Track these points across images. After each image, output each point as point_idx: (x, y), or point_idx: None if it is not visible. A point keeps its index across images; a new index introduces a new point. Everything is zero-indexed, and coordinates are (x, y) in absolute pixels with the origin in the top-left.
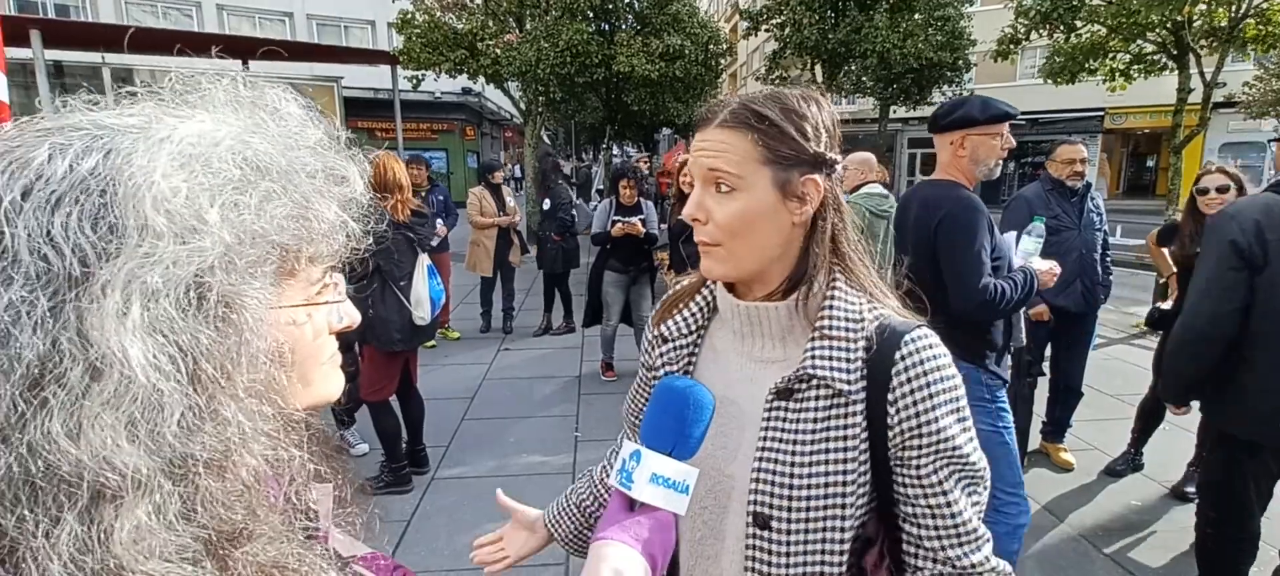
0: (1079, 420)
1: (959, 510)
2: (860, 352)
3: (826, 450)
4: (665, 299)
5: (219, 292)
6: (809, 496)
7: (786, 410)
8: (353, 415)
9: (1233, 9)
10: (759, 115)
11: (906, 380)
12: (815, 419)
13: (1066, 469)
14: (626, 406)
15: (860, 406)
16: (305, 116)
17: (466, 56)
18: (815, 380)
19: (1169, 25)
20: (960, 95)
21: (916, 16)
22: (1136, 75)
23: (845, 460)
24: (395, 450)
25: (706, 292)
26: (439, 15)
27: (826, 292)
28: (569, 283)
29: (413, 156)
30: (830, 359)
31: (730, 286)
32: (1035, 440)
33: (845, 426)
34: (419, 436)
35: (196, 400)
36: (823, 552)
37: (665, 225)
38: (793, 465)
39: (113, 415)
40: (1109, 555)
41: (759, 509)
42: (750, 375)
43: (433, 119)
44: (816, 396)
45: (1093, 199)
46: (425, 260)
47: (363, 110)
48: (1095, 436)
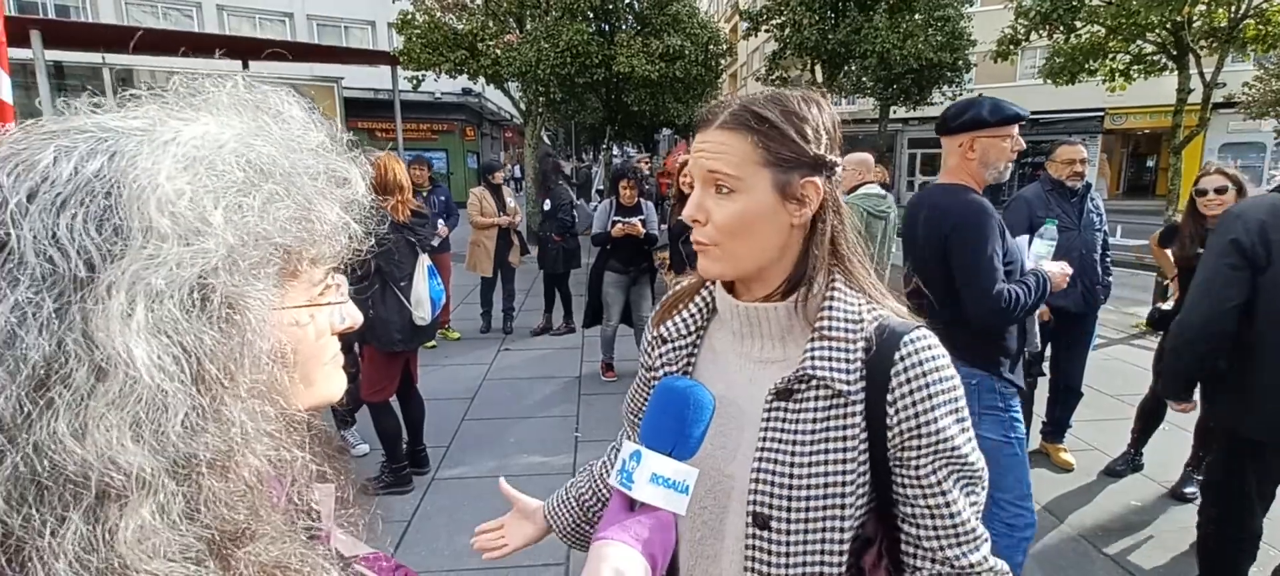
0: (1079, 420)
1: (957, 510)
2: (859, 353)
3: (826, 450)
4: (665, 300)
5: (223, 294)
6: (808, 496)
7: (786, 410)
8: (353, 415)
9: (1232, 9)
10: (759, 117)
11: (906, 381)
12: (815, 419)
13: (1066, 469)
14: (626, 406)
15: (859, 407)
16: (308, 119)
17: (467, 57)
18: (814, 380)
19: (1169, 26)
20: (959, 95)
21: (916, 17)
22: (1136, 75)
23: (844, 460)
24: (396, 450)
25: (706, 293)
26: (439, 16)
27: (826, 294)
28: (569, 283)
29: (415, 157)
30: (829, 359)
31: (729, 287)
32: (1035, 440)
33: (844, 427)
34: (419, 437)
35: (200, 401)
36: (822, 552)
37: (665, 225)
38: (792, 465)
39: (118, 415)
40: (1109, 555)
41: (758, 509)
42: (750, 376)
43: (433, 119)
44: (816, 397)
45: (1092, 199)
46: (425, 260)
47: (363, 111)
48: (1095, 436)
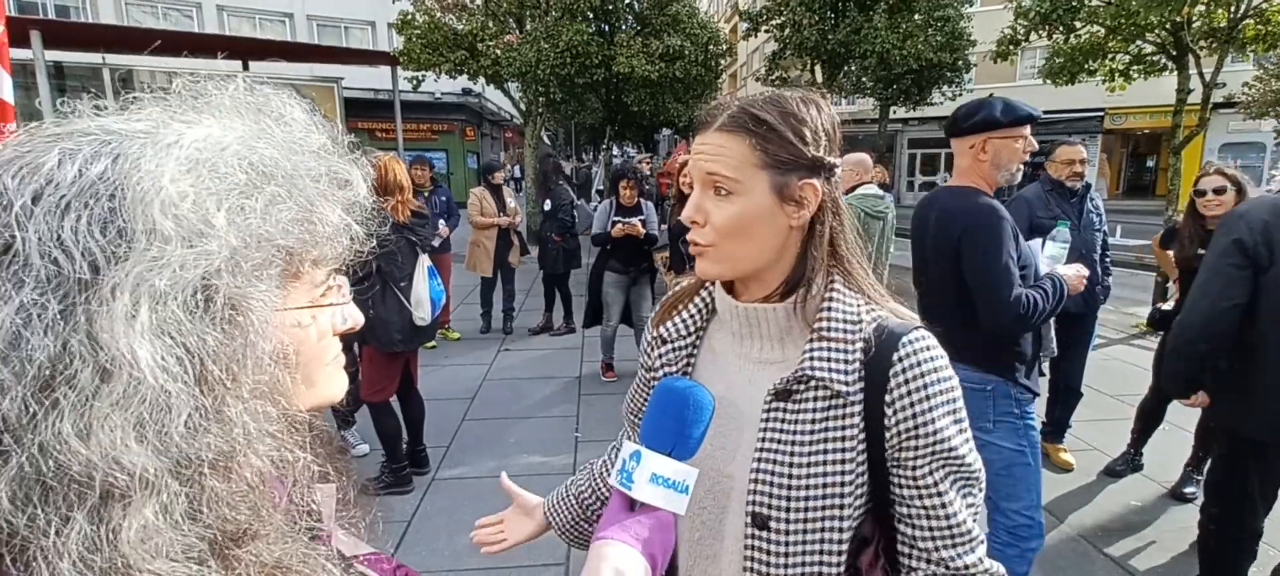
0: (1079, 420)
1: (953, 511)
2: (858, 354)
3: (825, 451)
4: (665, 300)
5: (226, 295)
6: (807, 497)
7: (785, 411)
8: (353, 416)
9: (1232, 10)
10: (757, 119)
11: (904, 381)
12: (813, 420)
13: (1066, 469)
14: (626, 406)
15: (858, 407)
16: (309, 121)
17: (466, 57)
18: (813, 381)
19: (1168, 26)
20: (959, 95)
21: (916, 17)
22: (1136, 76)
23: (843, 461)
24: (396, 451)
25: (705, 294)
26: (439, 16)
27: (825, 295)
28: (569, 283)
29: (417, 157)
30: (828, 360)
31: (729, 288)
32: None
33: (843, 427)
34: (419, 437)
35: (203, 401)
36: (821, 552)
37: (665, 226)
38: (791, 466)
39: (122, 416)
40: (1109, 555)
41: (757, 509)
42: (749, 376)
43: (433, 119)
44: (814, 397)
45: (1092, 199)
46: (426, 261)
47: (363, 111)
48: (1095, 437)
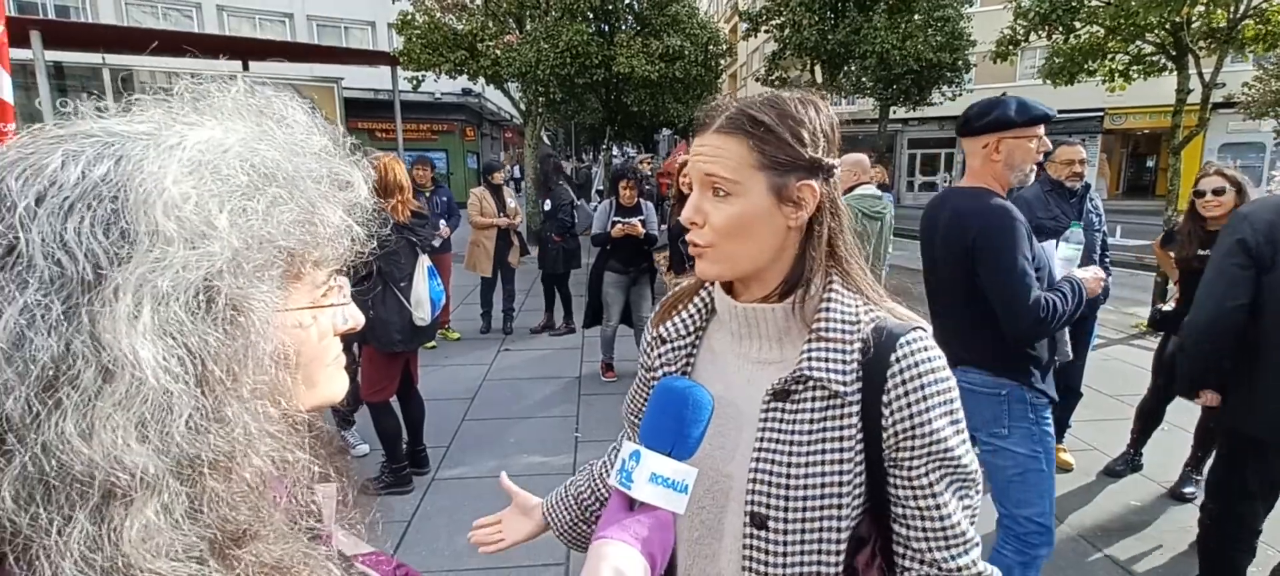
0: (1078, 420)
1: (949, 513)
2: (856, 354)
3: (823, 451)
4: (664, 300)
5: (227, 296)
6: (805, 497)
7: (783, 411)
8: (353, 416)
9: (1231, 10)
10: (755, 121)
11: (901, 382)
12: (811, 420)
13: (1066, 469)
14: (626, 406)
15: (856, 407)
16: (310, 123)
17: (466, 57)
18: (811, 381)
19: (1168, 26)
20: (959, 96)
21: (916, 17)
22: (1136, 76)
23: (841, 461)
24: (396, 451)
25: (705, 294)
26: (439, 16)
27: (823, 295)
28: (569, 283)
29: (418, 158)
30: (826, 360)
31: (728, 288)
32: None
33: (841, 427)
34: (419, 437)
35: (204, 402)
36: (819, 552)
37: (665, 226)
38: (789, 466)
39: (124, 416)
40: (1108, 555)
41: (756, 509)
42: (748, 376)
43: (433, 120)
44: (813, 397)
45: (1092, 199)
46: (425, 261)
47: (363, 111)
48: (1094, 437)
